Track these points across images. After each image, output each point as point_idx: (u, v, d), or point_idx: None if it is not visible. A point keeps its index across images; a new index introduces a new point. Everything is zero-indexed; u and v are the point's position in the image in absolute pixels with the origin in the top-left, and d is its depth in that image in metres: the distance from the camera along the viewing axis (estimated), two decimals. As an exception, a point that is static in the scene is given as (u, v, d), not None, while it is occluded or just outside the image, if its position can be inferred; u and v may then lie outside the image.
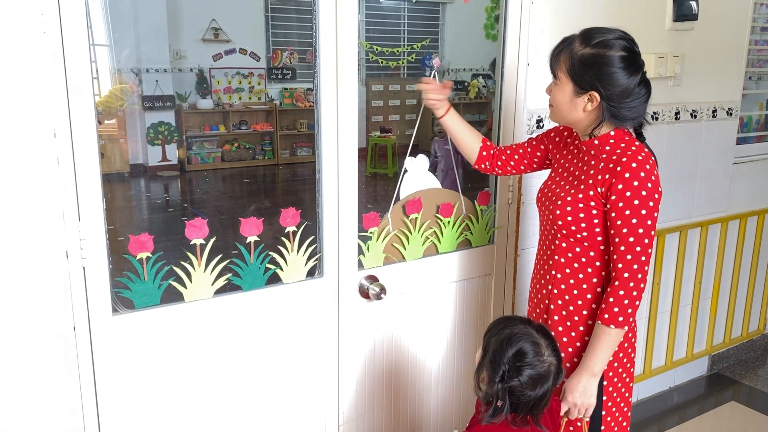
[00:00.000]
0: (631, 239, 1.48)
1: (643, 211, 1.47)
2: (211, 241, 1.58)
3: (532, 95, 2.13)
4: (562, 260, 1.61)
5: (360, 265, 1.84)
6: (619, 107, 1.49)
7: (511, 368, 1.34)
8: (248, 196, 7.22)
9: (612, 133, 1.52)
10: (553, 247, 1.63)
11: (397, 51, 9.42)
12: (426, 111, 1.98)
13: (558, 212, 1.58)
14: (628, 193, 1.47)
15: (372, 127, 8.07)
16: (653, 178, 1.48)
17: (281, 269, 1.70)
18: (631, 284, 1.49)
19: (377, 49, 9.09)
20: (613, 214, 1.50)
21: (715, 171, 2.81)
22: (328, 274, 1.78)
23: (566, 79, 1.51)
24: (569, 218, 1.56)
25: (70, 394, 1.46)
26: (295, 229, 1.71)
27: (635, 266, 1.49)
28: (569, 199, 1.57)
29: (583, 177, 1.56)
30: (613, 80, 1.46)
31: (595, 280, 1.58)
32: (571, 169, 1.62)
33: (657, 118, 2.55)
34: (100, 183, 1.41)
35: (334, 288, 1.79)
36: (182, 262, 1.55)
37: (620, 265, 1.49)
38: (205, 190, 7.41)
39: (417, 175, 1.97)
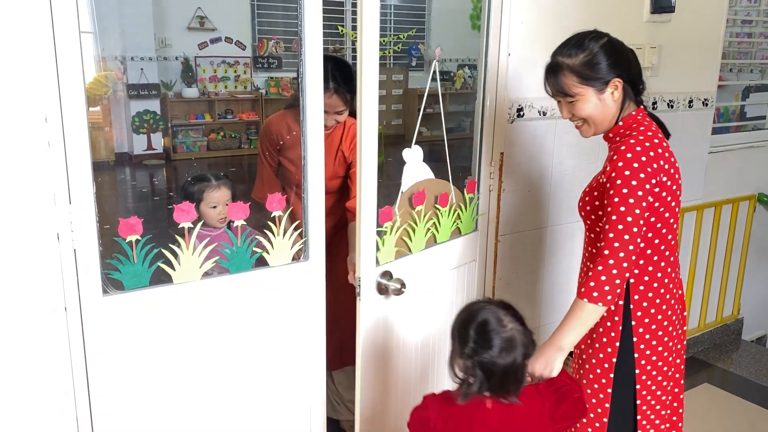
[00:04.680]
0: (614, 217, 1.52)
1: (625, 190, 1.51)
2: (199, 224, 1.62)
3: (513, 85, 2.18)
4: (594, 251, 1.69)
5: (376, 261, 1.84)
6: (635, 77, 1.63)
7: (478, 340, 1.37)
8: (234, 184, 7.22)
9: (633, 113, 1.64)
10: (586, 239, 1.75)
11: (384, 41, 9.44)
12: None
13: (580, 204, 1.71)
14: (613, 174, 1.54)
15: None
16: (643, 159, 1.52)
17: (268, 253, 1.75)
18: (611, 261, 1.51)
19: (363, 39, 9.09)
20: (605, 198, 1.57)
21: (690, 160, 2.89)
22: (314, 258, 1.82)
23: (584, 89, 1.61)
24: (588, 207, 1.68)
25: (61, 373, 1.50)
26: (281, 214, 1.75)
27: (616, 244, 1.51)
28: (587, 190, 1.70)
29: (602, 170, 1.67)
30: (621, 58, 1.61)
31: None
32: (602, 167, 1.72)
33: (635, 108, 2.61)
34: (90, 167, 1.44)
35: (320, 272, 1.84)
36: (171, 245, 1.59)
37: (602, 244, 1.54)
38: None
39: (415, 166, 2.01)
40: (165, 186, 7.15)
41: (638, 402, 1.70)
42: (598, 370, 1.71)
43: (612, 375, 1.69)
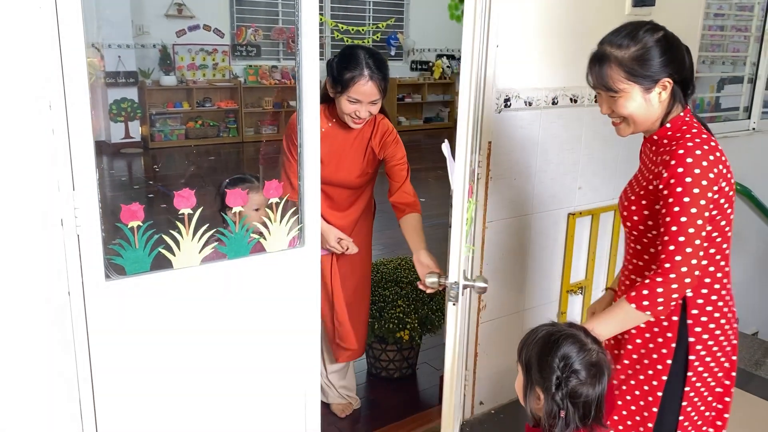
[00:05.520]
0: (674, 228, 1.41)
1: (686, 199, 1.40)
2: (199, 210, 1.65)
3: (500, 76, 2.24)
4: (640, 264, 1.59)
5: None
6: (687, 80, 1.51)
7: (565, 368, 1.26)
8: (213, 173, 7.20)
9: (681, 114, 1.52)
10: (631, 251, 1.63)
11: (363, 30, 9.44)
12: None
13: (625, 213, 1.58)
14: (672, 180, 1.42)
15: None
16: (704, 164, 1.42)
17: (264, 239, 1.79)
18: (672, 276, 1.41)
19: (342, 28, 9.10)
20: (660, 203, 1.46)
21: (668, 150, 2.98)
22: (309, 244, 1.87)
23: (630, 85, 1.48)
24: (635, 217, 1.54)
25: (64, 356, 1.52)
26: (278, 201, 1.79)
27: (678, 258, 1.40)
28: (633, 198, 1.56)
29: (648, 175, 1.54)
30: (675, 57, 1.48)
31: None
32: (642, 168, 1.61)
33: (616, 99, 2.69)
34: (92, 153, 1.47)
35: (315, 257, 1.88)
36: (171, 231, 1.62)
37: (663, 256, 1.43)
38: (168, 167, 7.36)
39: (450, 160, 2.00)
40: (143, 174, 7.11)
41: (681, 418, 1.60)
42: (646, 387, 1.62)
43: (660, 394, 1.59)
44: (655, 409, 1.60)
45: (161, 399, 1.70)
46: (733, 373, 1.65)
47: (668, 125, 1.52)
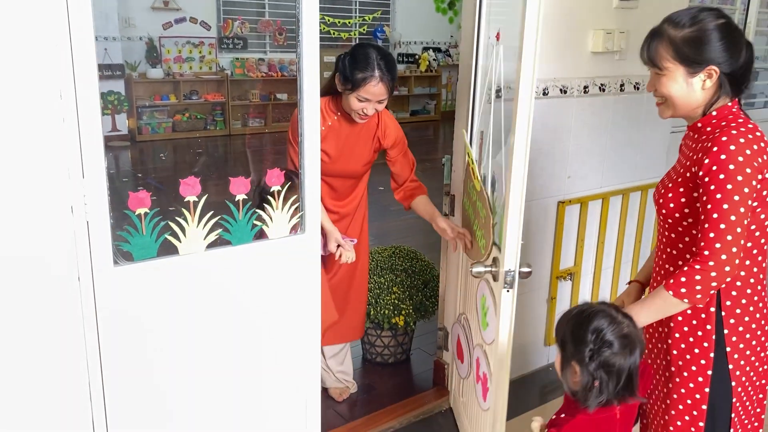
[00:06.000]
0: (715, 215, 1.39)
1: (729, 186, 1.37)
2: (204, 198, 1.69)
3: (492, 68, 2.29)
4: (674, 252, 1.58)
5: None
6: (738, 74, 1.46)
7: (597, 340, 1.32)
8: (201, 166, 7.21)
9: (729, 104, 1.50)
10: (665, 240, 1.61)
11: (349, 22, 9.46)
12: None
13: (661, 201, 1.56)
14: (714, 167, 1.39)
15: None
16: (748, 152, 1.39)
17: (267, 226, 1.83)
18: (711, 263, 1.39)
19: (329, 20, 9.10)
20: (700, 191, 1.43)
21: (654, 139, 3.06)
22: (309, 231, 1.92)
23: (675, 66, 1.47)
24: (671, 204, 1.52)
25: (75, 339, 1.57)
26: (280, 189, 1.83)
27: (717, 245, 1.39)
28: (670, 185, 1.54)
29: (686, 162, 1.52)
30: (728, 48, 1.44)
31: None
32: (680, 158, 1.60)
33: (604, 90, 2.76)
34: (101, 142, 1.50)
35: (315, 244, 1.93)
36: (177, 218, 1.67)
37: (702, 243, 1.41)
38: (158, 160, 7.34)
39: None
40: (130, 167, 7.09)
41: (732, 416, 1.56)
42: (691, 384, 1.57)
43: (707, 390, 1.55)
44: (704, 407, 1.56)
45: (166, 378, 1.75)
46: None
47: (714, 113, 1.49)
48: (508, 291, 1.83)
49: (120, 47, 7.28)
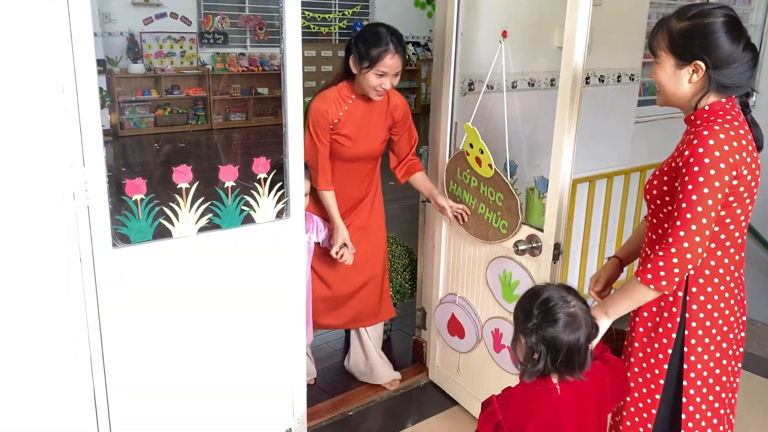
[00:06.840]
0: (684, 205, 1.44)
1: (701, 178, 1.42)
2: (195, 185, 1.82)
3: (464, 61, 2.44)
4: (654, 237, 1.63)
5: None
6: (726, 74, 1.48)
7: (541, 313, 1.38)
8: (184, 160, 7.27)
9: (723, 100, 1.52)
10: (649, 225, 1.66)
11: (329, 17, 9.55)
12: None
13: (647, 187, 1.61)
14: (691, 159, 1.44)
15: (305, 92, 8.22)
16: (726, 148, 1.43)
17: (254, 211, 1.96)
18: (673, 250, 1.45)
19: (309, 15, 9.19)
20: (677, 183, 1.49)
21: (619, 129, 3.23)
22: (294, 216, 2.05)
23: (666, 56, 1.52)
24: (654, 192, 1.58)
25: (77, 317, 1.69)
26: (266, 176, 1.96)
27: (681, 233, 1.44)
28: (658, 173, 1.59)
29: (675, 153, 1.57)
30: (716, 46, 1.46)
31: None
32: (676, 147, 1.63)
33: (571, 82, 2.91)
34: (100, 132, 1.63)
35: (299, 228, 2.06)
36: (170, 204, 1.79)
37: (670, 231, 1.47)
38: (140, 155, 7.39)
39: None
40: (113, 162, 7.13)
41: (684, 400, 1.61)
42: (652, 360, 1.64)
43: (666, 366, 1.62)
44: (661, 382, 1.62)
45: (162, 354, 1.88)
46: (739, 364, 1.68)
47: (706, 107, 1.52)
48: (554, 263, 2.11)
49: (101, 42, 7.30)
